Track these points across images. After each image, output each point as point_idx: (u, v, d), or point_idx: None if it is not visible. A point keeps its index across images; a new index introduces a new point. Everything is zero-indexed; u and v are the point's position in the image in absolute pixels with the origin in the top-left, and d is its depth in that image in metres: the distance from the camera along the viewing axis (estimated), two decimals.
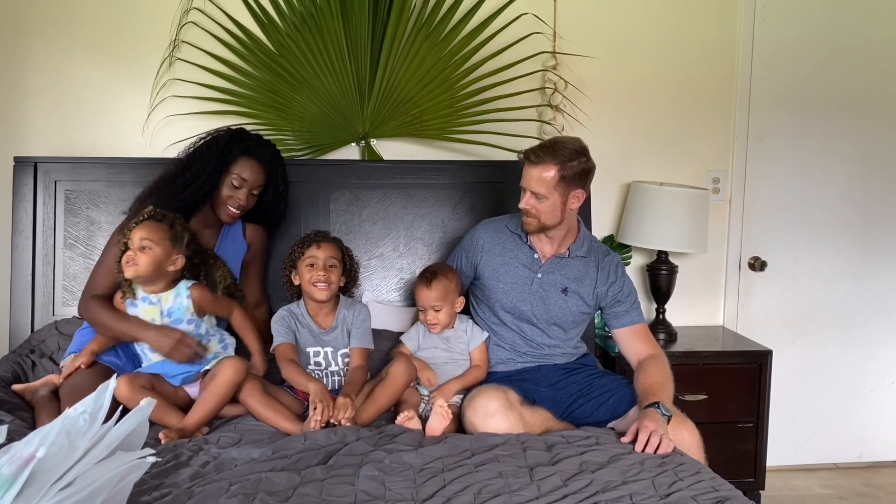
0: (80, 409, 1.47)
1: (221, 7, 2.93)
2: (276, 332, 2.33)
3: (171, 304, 2.22)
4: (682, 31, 3.17)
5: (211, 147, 2.43)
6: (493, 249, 2.47)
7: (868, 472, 3.38)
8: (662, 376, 2.26)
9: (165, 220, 2.21)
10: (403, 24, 2.94)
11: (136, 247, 2.16)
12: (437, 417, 2.15)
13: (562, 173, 2.26)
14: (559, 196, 2.29)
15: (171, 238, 2.20)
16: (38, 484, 1.29)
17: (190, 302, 2.23)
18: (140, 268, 2.16)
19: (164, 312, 2.22)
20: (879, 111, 3.30)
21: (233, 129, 2.50)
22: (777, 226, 3.30)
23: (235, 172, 2.41)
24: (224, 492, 1.68)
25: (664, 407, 2.11)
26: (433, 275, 2.40)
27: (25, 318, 2.70)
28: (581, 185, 2.31)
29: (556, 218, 2.33)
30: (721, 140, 3.26)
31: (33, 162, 2.74)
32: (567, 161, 2.26)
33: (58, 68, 2.92)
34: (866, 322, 3.38)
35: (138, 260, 2.15)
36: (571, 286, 2.41)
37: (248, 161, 2.43)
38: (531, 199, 2.31)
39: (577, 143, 2.33)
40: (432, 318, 2.38)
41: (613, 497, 1.71)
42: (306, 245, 2.37)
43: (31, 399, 2.26)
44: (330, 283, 2.32)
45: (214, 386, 2.15)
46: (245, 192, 2.43)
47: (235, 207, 2.43)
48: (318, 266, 2.33)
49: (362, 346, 2.36)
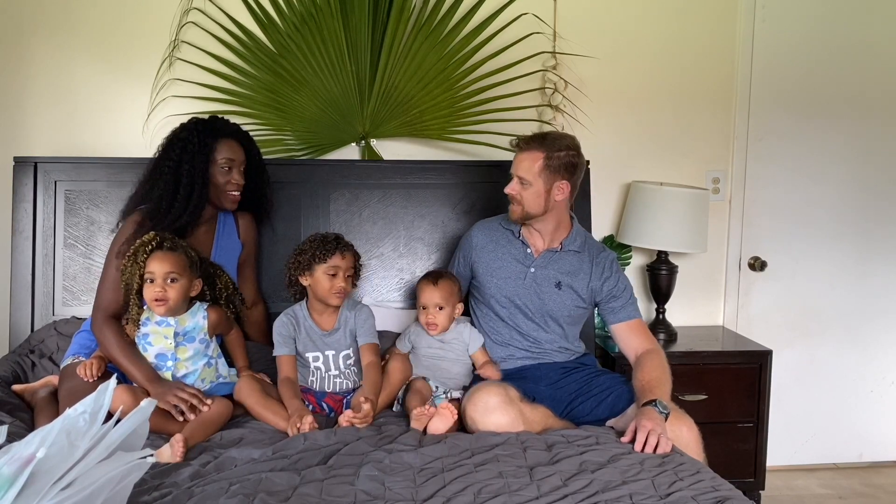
0: (80, 410, 1.47)
1: (221, 7, 2.93)
2: (276, 341, 2.33)
3: (188, 324, 2.22)
4: (682, 32, 3.17)
5: (187, 148, 2.38)
6: (487, 247, 2.50)
7: (868, 472, 3.38)
8: (660, 372, 2.27)
9: (179, 249, 2.20)
10: (403, 24, 2.94)
11: (162, 282, 2.14)
12: (440, 418, 2.14)
13: (547, 161, 2.32)
14: (543, 184, 2.33)
15: (190, 266, 2.21)
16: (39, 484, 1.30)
17: (206, 322, 2.24)
18: (171, 302, 2.16)
19: (179, 332, 2.21)
20: (879, 111, 3.30)
21: (192, 123, 2.44)
22: (777, 226, 3.30)
23: (221, 157, 2.40)
24: (224, 492, 1.68)
25: (661, 404, 2.11)
26: (439, 275, 2.44)
27: (25, 318, 2.70)
28: (567, 176, 2.34)
29: (540, 207, 2.35)
30: (721, 140, 3.26)
31: (33, 162, 2.74)
32: (555, 151, 2.32)
33: (58, 68, 2.92)
34: (866, 322, 3.38)
35: (168, 295, 2.15)
36: (565, 280, 2.43)
37: (226, 142, 2.42)
38: (516, 185, 2.36)
39: (570, 138, 2.41)
40: (432, 317, 2.39)
41: (613, 497, 1.71)
42: (329, 252, 2.30)
43: (31, 400, 2.26)
44: (348, 291, 2.34)
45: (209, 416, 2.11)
46: (237, 172, 2.43)
47: (235, 190, 2.43)
48: (339, 276, 2.30)
49: (370, 341, 2.36)
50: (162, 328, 2.20)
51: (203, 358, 2.24)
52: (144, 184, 2.42)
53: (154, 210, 2.33)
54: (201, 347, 2.24)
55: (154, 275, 2.15)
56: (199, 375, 2.22)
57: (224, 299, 2.36)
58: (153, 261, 2.16)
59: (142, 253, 2.17)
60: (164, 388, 2.11)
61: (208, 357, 2.26)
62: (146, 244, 2.18)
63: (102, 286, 2.31)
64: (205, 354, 2.24)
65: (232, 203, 2.45)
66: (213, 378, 2.26)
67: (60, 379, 2.24)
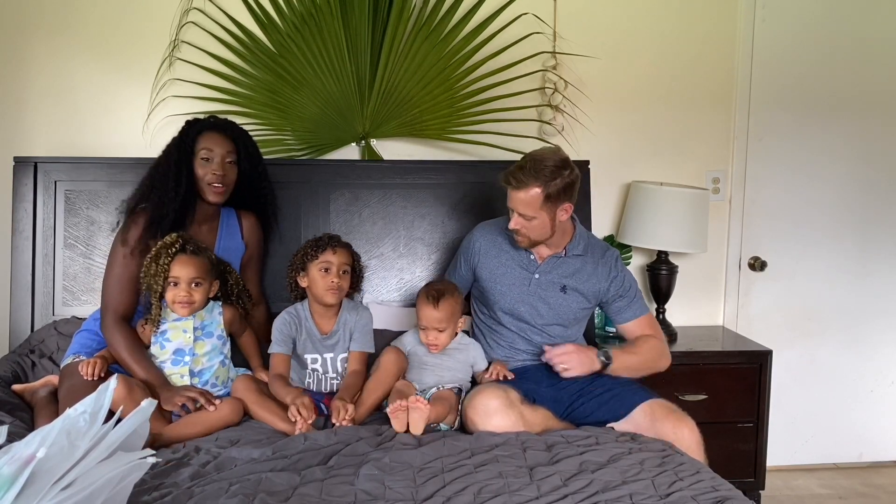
0: (81, 410, 1.48)
1: (221, 7, 2.93)
2: (275, 338, 2.32)
3: (206, 318, 2.25)
4: (683, 31, 3.17)
5: (172, 142, 2.42)
6: (490, 252, 2.48)
7: (868, 472, 3.38)
8: (644, 350, 2.39)
9: (202, 253, 2.22)
10: (403, 24, 2.94)
11: (187, 286, 2.17)
12: (415, 412, 2.08)
13: (546, 192, 2.25)
14: (547, 214, 2.29)
15: (211, 269, 2.23)
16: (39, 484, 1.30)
17: (222, 318, 2.28)
18: (197, 304, 2.20)
19: (198, 326, 2.23)
20: (879, 111, 3.30)
21: (187, 121, 2.47)
22: (777, 226, 3.30)
23: (202, 148, 2.38)
24: (224, 492, 1.68)
25: (606, 355, 2.32)
26: (440, 294, 2.31)
27: (25, 318, 2.70)
28: (567, 198, 2.29)
29: (547, 233, 2.33)
30: (721, 140, 3.26)
31: (33, 162, 2.74)
32: (550, 180, 2.24)
33: (58, 68, 2.92)
34: (866, 322, 3.38)
35: (195, 298, 2.19)
36: (570, 283, 2.42)
37: (209, 134, 2.41)
38: (520, 220, 2.31)
39: (557, 156, 2.30)
40: (433, 338, 2.32)
41: (613, 497, 1.71)
42: (321, 249, 2.31)
43: (31, 400, 2.26)
44: (342, 289, 2.31)
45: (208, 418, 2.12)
46: (218, 162, 2.37)
47: (216, 182, 2.37)
48: (332, 272, 2.29)
49: (362, 349, 2.35)
50: (181, 322, 2.22)
51: (219, 355, 2.26)
52: (144, 181, 2.42)
53: (154, 209, 2.33)
54: (218, 343, 2.26)
55: (179, 279, 2.17)
56: (213, 372, 2.24)
57: (235, 295, 2.38)
58: (178, 265, 2.17)
59: (165, 255, 2.18)
60: (173, 392, 2.13)
61: (224, 355, 2.28)
62: (169, 246, 2.19)
63: (109, 286, 2.31)
64: (221, 352, 2.27)
65: (214, 195, 2.39)
66: (226, 379, 2.28)
67: (60, 378, 2.24)
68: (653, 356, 2.40)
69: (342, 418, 2.11)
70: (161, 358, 2.22)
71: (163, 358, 2.22)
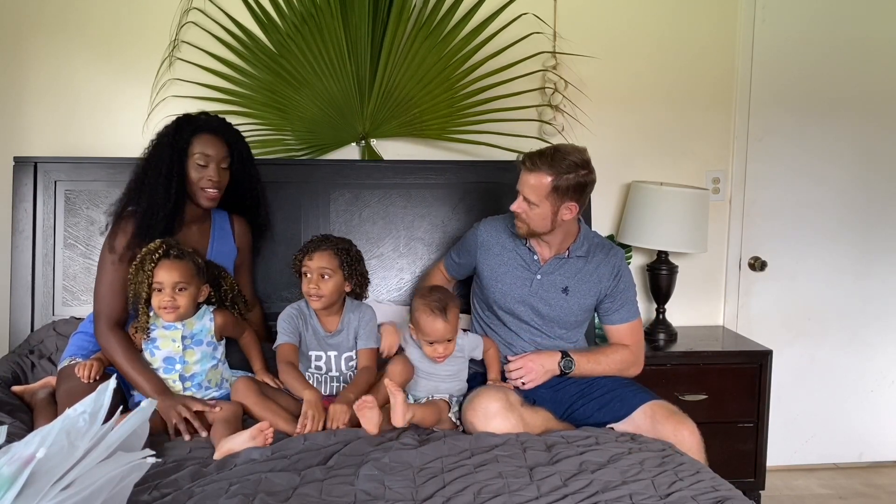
0: (80, 410, 1.48)
1: (221, 7, 2.93)
2: (282, 329, 2.30)
3: (195, 327, 2.22)
4: (683, 31, 3.17)
5: (162, 140, 2.36)
6: (493, 249, 2.47)
7: (868, 472, 3.38)
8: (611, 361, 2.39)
9: (186, 257, 2.19)
10: (403, 24, 2.94)
11: (171, 291, 2.14)
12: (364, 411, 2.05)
13: (556, 183, 2.23)
14: (550, 206, 2.26)
15: (197, 273, 2.20)
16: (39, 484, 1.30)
17: (213, 325, 2.24)
18: (182, 310, 2.16)
19: (187, 335, 2.20)
20: (879, 111, 3.30)
21: (175, 119, 2.41)
22: (777, 226, 3.30)
23: (196, 152, 2.33)
24: (224, 492, 1.68)
25: (569, 362, 2.33)
26: (444, 305, 2.23)
27: (25, 318, 2.70)
28: (575, 198, 2.27)
29: (546, 227, 2.31)
30: (721, 140, 3.26)
31: (33, 162, 2.74)
32: (564, 172, 2.23)
33: (57, 68, 2.92)
34: (866, 322, 3.38)
35: (179, 303, 2.15)
36: (572, 284, 2.41)
37: (204, 136, 2.35)
38: (523, 204, 2.29)
39: (580, 154, 2.28)
40: (443, 350, 2.25)
41: (613, 497, 1.71)
42: (303, 253, 2.32)
43: (30, 401, 2.26)
44: (321, 295, 2.27)
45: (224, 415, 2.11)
46: (214, 168, 2.34)
47: (211, 187, 2.34)
48: (311, 278, 2.28)
49: (369, 346, 2.34)
50: (169, 332, 2.19)
51: (211, 360, 2.24)
52: (132, 184, 2.37)
53: (143, 213, 2.29)
54: (209, 350, 2.24)
55: (162, 284, 2.14)
56: (205, 377, 2.22)
57: (229, 300, 2.35)
58: (161, 270, 2.14)
59: (149, 261, 2.15)
60: (171, 402, 2.10)
61: (216, 360, 2.26)
62: (152, 252, 2.16)
63: (100, 292, 2.28)
64: (213, 357, 2.25)
65: (208, 201, 2.36)
66: (219, 380, 2.27)
67: (58, 381, 2.23)
68: (618, 367, 2.39)
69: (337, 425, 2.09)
70: (153, 365, 2.21)
71: (154, 365, 2.20)
